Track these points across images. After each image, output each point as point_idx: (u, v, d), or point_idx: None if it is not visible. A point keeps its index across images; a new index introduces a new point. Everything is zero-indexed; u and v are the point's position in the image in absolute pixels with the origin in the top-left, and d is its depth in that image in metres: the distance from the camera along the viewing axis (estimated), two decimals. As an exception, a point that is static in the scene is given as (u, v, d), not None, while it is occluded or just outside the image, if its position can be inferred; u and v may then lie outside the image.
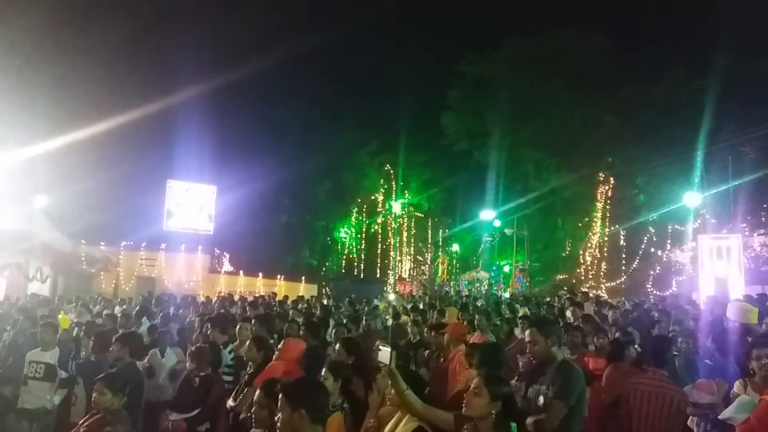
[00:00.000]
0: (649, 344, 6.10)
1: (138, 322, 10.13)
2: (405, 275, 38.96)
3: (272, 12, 32.20)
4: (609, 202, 31.16)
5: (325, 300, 20.43)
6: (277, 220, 32.02)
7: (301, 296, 18.99)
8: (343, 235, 37.50)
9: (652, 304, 14.49)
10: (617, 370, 5.74)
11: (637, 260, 28.50)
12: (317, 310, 12.87)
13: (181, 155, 26.46)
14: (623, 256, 29.61)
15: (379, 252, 38.05)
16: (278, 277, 29.02)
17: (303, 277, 30.57)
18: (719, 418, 3.99)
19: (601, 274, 30.41)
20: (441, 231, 41.73)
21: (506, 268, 37.67)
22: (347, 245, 37.66)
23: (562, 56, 32.39)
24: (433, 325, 7.26)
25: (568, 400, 3.93)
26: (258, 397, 3.83)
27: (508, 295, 26.91)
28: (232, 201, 28.69)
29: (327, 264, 36.15)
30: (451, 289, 32.43)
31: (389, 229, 38.85)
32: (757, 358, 4.30)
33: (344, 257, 37.31)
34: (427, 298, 20.46)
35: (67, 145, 21.52)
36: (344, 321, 9.54)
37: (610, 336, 7.28)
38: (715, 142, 25.32)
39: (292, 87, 31.81)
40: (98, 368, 5.67)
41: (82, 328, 8.78)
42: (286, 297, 17.64)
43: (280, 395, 3.21)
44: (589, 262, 31.23)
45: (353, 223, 37.68)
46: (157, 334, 8.04)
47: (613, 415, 5.20)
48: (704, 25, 28.25)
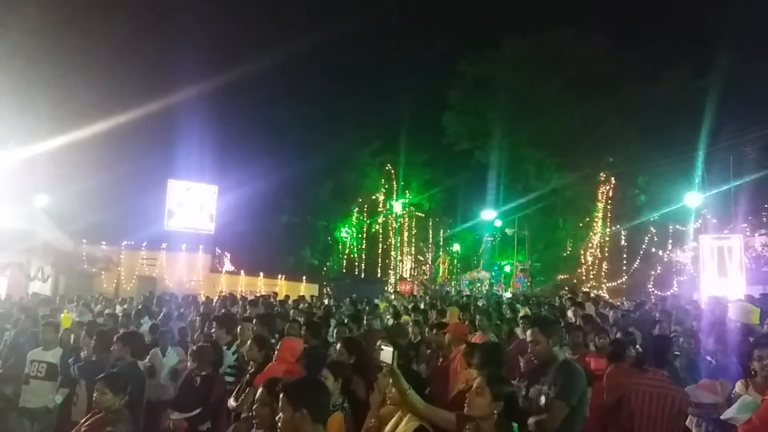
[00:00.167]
0: (650, 344, 6.10)
1: (137, 322, 10.12)
2: (406, 275, 38.94)
3: (273, 11, 32.28)
4: (610, 201, 31.15)
5: (326, 300, 20.44)
6: (278, 220, 32.02)
7: (302, 296, 18.98)
8: (344, 234, 37.50)
9: (653, 304, 14.48)
10: (618, 370, 5.74)
11: (638, 260, 28.49)
12: (318, 310, 12.88)
13: (182, 155, 26.48)
14: (624, 256, 29.60)
15: (380, 252, 38.05)
16: (279, 276, 29.02)
17: (304, 277, 30.57)
18: (721, 418, 3.98)
19: (602, 274, 30.40)
20: (442, 231, 41.72)
21: (507, 268, 37.63)
22: (348, 245, 37.66)
23: (563, 56, 32.35)
24: (434, 325, 7.26)
25: (569, 400, 3.93)
26: (260, 396, 3.83)
27: (509, 295, 26.88)
28: (233, 200, 28.71)
29: (328, 264, 36.15)
30: (452, 289, 32.41)
31: (390, 228, 38.83)
32: (758, 358, 4.28)
33: (345, 257, 37.30)
34: (427, 297, 20.45)
35: (68, 144, 21.53)
36: (345, 320, 9.53)
37: (611, 336, 7.28)
38: (716, 142, 25.31)
39: (294, 87, 31.82)
40: (100, 368, 5.67)
41: (83, 327, 8.77)
42: (287, 296, 17.63)
43: (281, 395, 3.21)
44: (590, 262, 31.22)
45: (354, 223, 37.68)
46: (158, 334, 8.04)
47: (614, 416, 5.20)
48: (705, 24, 28.28)
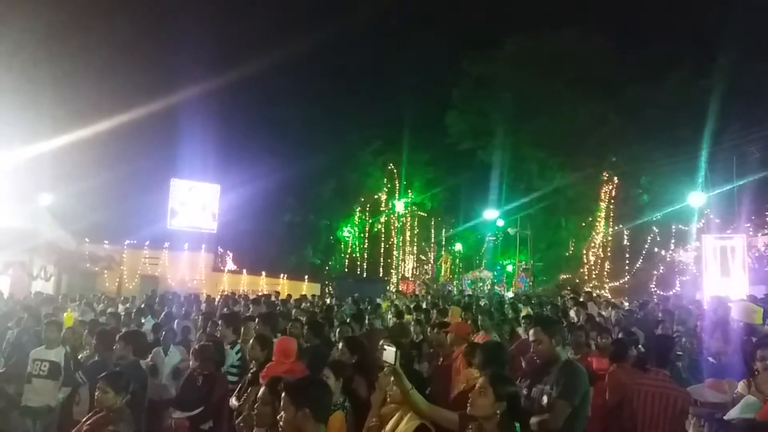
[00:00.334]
0: (653, 344, 6.09)
1: (137, 320, 10.11)
2: (408, 274, 38.94)
3: (275, 11, 32.27)
4: (613, 201, 31.11)
5: (328, 299, 20.45)
6: (280, 219, 32.05)
7: (304, 295, 18.96)
8: (346, 234, 37.51)
9: (655, 303, 14.46)
10: (620, 370, 5.72)
11: (641, 260, 28.43)
12: (319, 309, 12.89)
13: (185, 154, 26.54)
14: (627, 255, 29.55)
15: (382, 251, 38.05)
16: (281, 275, 29.05)
17: (306, 276, 30.61)
18: (725, 419, 3.97)
19: (605, 273, 30.35)
20: (444, 230, 41.70)
21: (509, 268, 37.61)
22: (350, 244, 37.67)
23: (565, 56, 32.29)
24: (435, 324, 7.25)
25: (571, 399, 3.93)
26: (262, 395, 3.83)
27: (511, 294, 26.86)
28: (235, 200, 28.76)
29: (330, 263, 36.17)
30: (454, 289, 32.41)
31: (392, 228, 38.86)
32: (761, 358, 4.27)
33: (347, 256, 37.32)
34: (429, 297, 20.44)
35: (71, 143, 21.57)
36: (347, 320, 9.53)
37: (613, 336, 7.27)
38: (719, 142, 25.23)
39: (296, 86, 31.83)
40: (103, 367, 5.67)
41: (85, 326, 8.78)
42: (289, 296, 17.63)
43: (283, 394, 3.20)
44: (593, 262, 31.18)
45: (356, 222, 37.70)
46: (161, 333, 8.03)
47: (616, 416, 5.19)
48: (708, 24, 28.17)
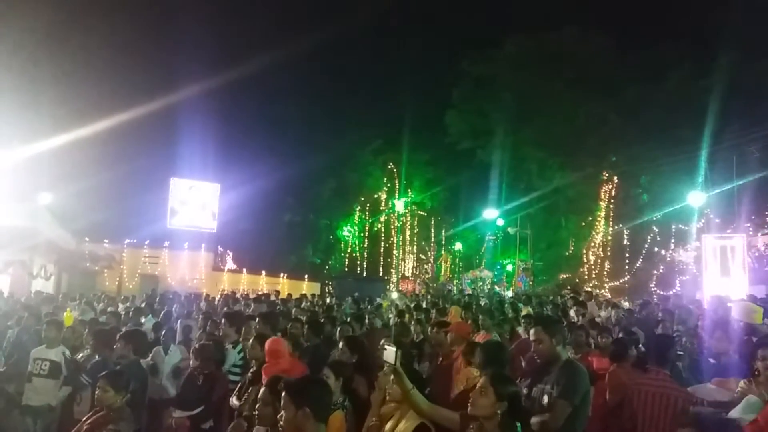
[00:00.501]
0: (652, 344, 6.09)
1: (136, 320, 10.08)
2: (408, 274, 38.95)
3: (276, 11, 32.25)
4: (613, 201, 31.10)
5: (328, 298, 20.45)
6: (280, 219, 32.05)
7: (304, 294, 18.95)
8: (346, 233, 37.52)
9: (655, 303, 14.46)
10: (621, 370, 5.73)
11: (641, 260, 28.43)
12: (320, 309, 12.89)
13: (184, 153, 26.56)
14: (627, 255, 29.55)
15: (382, 250, 38.06)
16: (281, 275, 29.07)
17: (306, 276, 30.64)
18: (727, 418, 3.96)
19: (605, 273, 30.35)
20: (444, 230, 41.71)
21: (509, 267, 37.61)
22: (350, 244, 37.68)
23: (565, 55, 32.31)
24: (435, 323, 7.25)
25: (572, 399, 3.93)
26: (262, 394, 3.83)
27: (510, 294, 26.86)
28: (235, 199, 28.76)
29: (330, 262, 36.18)
30: (454, 288, 32.41)
31: (392, 227, 38.86)
32: (762, 358, 4.27)
33: (347, 255, 37.33)
34: (429, 296, 20.45)
35: (71, 142, 21.57)
36: (347, 319, 9.53)
37: (613, 335, 7.27)
38: (719, 141, 25.22)
39: (296, 86, 31.85)
40: (104, 367, 5.67)
41: (85, 325, 8.77)
42: (289, 295, 17.64)
43: (283, 393, 3.20)
44: (593, 262, 31.18)
45: (356, 222, 37.71)
46: (162, 332, 8.03)
47: (616, 416, 5.19)
48: (708, 24, 28.17)
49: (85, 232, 24.09)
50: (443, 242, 42.15)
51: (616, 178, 30.96)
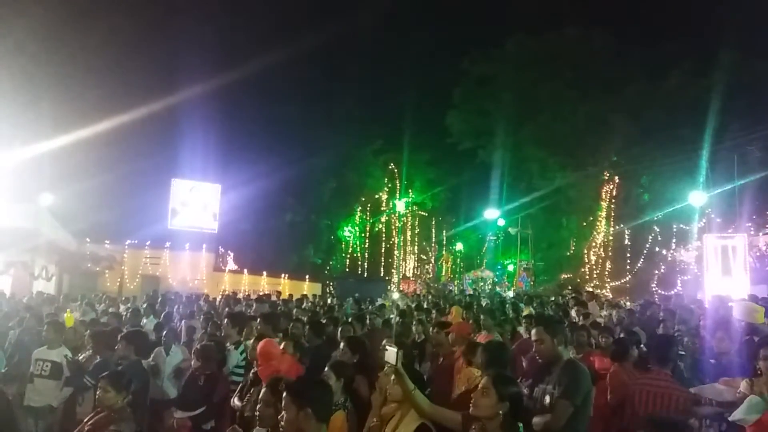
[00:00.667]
0: (653, 343, 6.09)
1: (134, 322, 10.01)
2: (409, 274, 38.96)
3: (276, 11, 32.24)
4: (614, 201, 31.07)
5: (329, 299, 20.45)
6: (281, 219, 32.04)
7: (305, 295, 18.92)
8: (347, 233, 37.52)
9: (656, 303, 14.44)
10: (622, 370, 5.72)
11: (642, 259, 28.41)
12: (321, 309, 12.88)
13: (185, 154, 26.56)
14: (628, 255, 29.52)
15: (383, 251, 38.07)
16: (283, 275, 29.06)
17: (307, 276, 30.63)
18: (729, 419, 3.95)
19: (606, 273, 30.32)
20: (445, 230, 41.71)
21: (510, 267, 37.61)
22: (351, 244, 37.69)
23: (566, 54, 32.28)
24: (436, 324, 7.25)
25: (574, 399, 3.93)
26: (264, 395, 3.83)
27: (512, 294, 26.84)
28: (236, 200, 28.75)
29: (331, 263, 36.18)
30: (455, 288, 32.40)
31: (393, 227, 38.88)
32: (764, 358, 4.27)
33: (348, 256, 37.35)
34: (430, 297, 20.43)
35: (72, 143, 21.60)
36: (349, 319, 9.53)
37: (615, 335, 7.27)
38: (720, 141, 25.18)
39: (297, 86, 31.83)
40: (106, 368, 5.67)
41: (86, 326, 8.77)
42: (290, 296, 17.63)
43: (284, 394, 3.20)
44: (594, 262, 31.14)
45: (357, 222, 37.72)
46: (163, 332, 8.02)
47: (618, 416, 5.18)
48: (709, 23, 28.14)
49: (87, 233, 24.09)
50: (444, 242, 42.16)
51: (617, 177, 30.92)
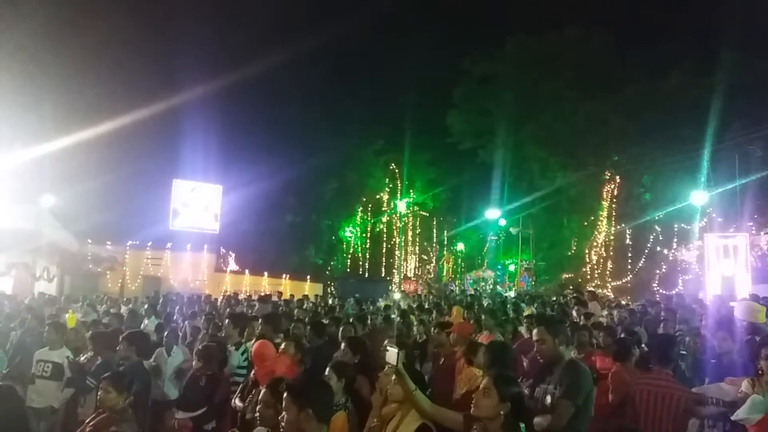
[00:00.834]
0: (655, 343, 6.08)
1: (134, 321, 10.02)
2: (410, 274, 38.96)
3: (277, 11, 32.22)
4: (615, 200, 31.04)
5: (331, 299, 20.44)
6: (282, 220, 32.05)
7: (306, 295, 18.92)
8: (348, 234, 37.51)
9: (657, 303, 14.43)
10: (624, 370, 5.72)
11: (643, 259, 28.38)
12: (322, 309, 12.87)
13: (187, 155, 26.54)
14: (629, 254, 29.49)
15: (384, 251, 38.05)
16: (284, 276, 29.07)
17: (308, 276, 30.63)
18: (732, 419, 3.95)
19: (607, 273, 30.30)
20: (446, 230, 41.72)
21: (511, 267, 37.59)
22: (352, 244, 37.68)
23: (567, 54, 32.26)
24: (437, 324, 7.25)
25: (575, 399, 3.93)
26: (264, 396, 3.83)
27: (513, 294, 26.83)
28: (237, 200, 28.76)
29: (332, 263, 36.17)
30: (456, 288, 32.40)
31: (394, 228, 38.87)
32: (765, 357, 4.26)
33: (349, 256, 37.33)
34: (431, 297, 20.43)
35: (73, 145, 21.61)
36: (350, 319, 9.53)
37: (616, 335, 7.26)
38: (721, 141, 25.14)
39: (298, 86, 31.80)
40: (107, 369, 5.68)
41: (88, 327, 8.77)
42: (292, 296, 17.64)
43: (285, 395, 3.20)
44: (595, 261, 31.12)
45: (358, 222, 37.71)
46: (165, 333, 8.02)
47: (619, 415, 5.18)
48: (710, 22, 28.10)
49: (88, 234, 24.10)
50: (445, 242, 42.17)
51: (618, 177, 30.88)
